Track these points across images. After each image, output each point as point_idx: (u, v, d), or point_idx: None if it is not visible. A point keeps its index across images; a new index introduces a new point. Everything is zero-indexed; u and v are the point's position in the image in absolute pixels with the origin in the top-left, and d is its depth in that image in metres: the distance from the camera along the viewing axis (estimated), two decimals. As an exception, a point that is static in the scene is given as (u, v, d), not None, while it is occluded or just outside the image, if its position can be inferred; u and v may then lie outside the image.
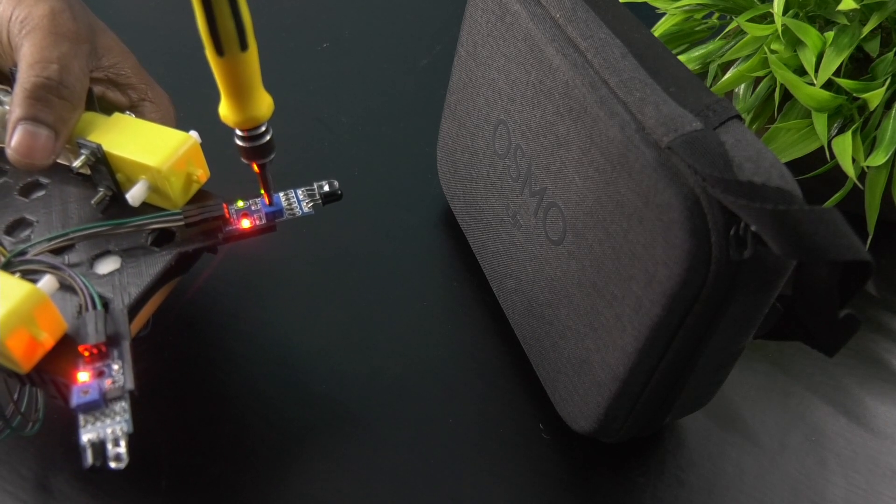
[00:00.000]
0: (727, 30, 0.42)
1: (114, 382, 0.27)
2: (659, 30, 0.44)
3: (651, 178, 0.26)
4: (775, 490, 0.35)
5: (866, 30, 0.37)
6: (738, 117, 0.27)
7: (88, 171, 0.33)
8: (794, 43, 0.38)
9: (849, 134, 0.36)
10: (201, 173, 0.33)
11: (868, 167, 0.37)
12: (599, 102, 0.28)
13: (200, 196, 0.34)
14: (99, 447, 0.26)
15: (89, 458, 0.26)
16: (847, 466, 0.36)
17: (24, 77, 0.31)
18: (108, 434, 0.26)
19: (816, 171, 0.39)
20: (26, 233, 0.33)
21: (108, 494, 0.33)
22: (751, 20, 0.40)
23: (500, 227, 0.37)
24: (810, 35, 0.37)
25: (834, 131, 0.38)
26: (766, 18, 0.41)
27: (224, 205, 0.33)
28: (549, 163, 0.32)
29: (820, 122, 0.37)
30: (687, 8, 0.43)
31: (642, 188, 0.26)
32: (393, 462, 0.34)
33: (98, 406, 0.27)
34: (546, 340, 0.34)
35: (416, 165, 0.47)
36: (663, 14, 0.44)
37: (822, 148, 0.38)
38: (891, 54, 0.37)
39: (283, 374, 0.37)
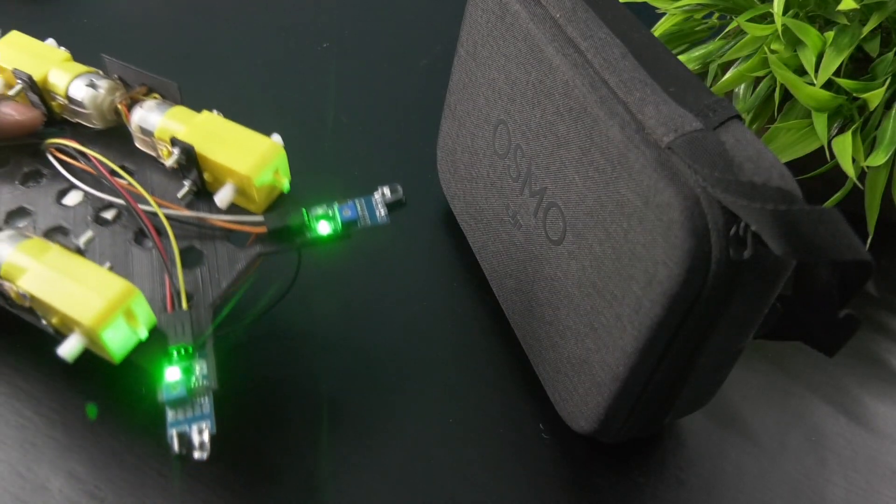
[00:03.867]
0: (727, 30, 0.42)
1: (199, 380, 0.29)
2: (659, 30, 0.44)
3: (651, 178, 0.26)
4: (775, 490, 0.35)
5: (866, 30, 0.37)
6: (738, 117, 0.27)
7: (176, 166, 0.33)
8: (794, 43, 0.38)
9: (849, 134, 0.36)
10: (284, 180, 0.33)
11: (868, 167, 0.37)
12: (599, 102, 0.28)
13: (281, 200, 0.34)
14: (185, 438, 0.28)
15: (176, 446, 0.27)
16: (847, 466, 0.36)
17: None
18: (193, 429, 0.28)
19: (816, 171, 0.39)
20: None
21: (108, 494, 0.33)
22: (751, 20, 0.40)
23: (500, 227, 0.37)
24: (810, 35, 0.37)
25: (834, 131, 0.38)
26: (766, 18, 0.41)
27: (303, 210, 0.33)
28: (549, 163, 0.32)
29: (820, 122, 0.37)
30: (687, 8, 0.43)
31: (642, 188, 0.26)
32: (392, 462, 0.34)
33: (185, 401, 0.28)
34: (546, 340, 0.34)
35: (416, 165, 0.47)
36: (663, 14, 0.44)
37: (822, 148, 0.38)
38: (891, 54, 0.37)
39: (281, 375, 0.37)
